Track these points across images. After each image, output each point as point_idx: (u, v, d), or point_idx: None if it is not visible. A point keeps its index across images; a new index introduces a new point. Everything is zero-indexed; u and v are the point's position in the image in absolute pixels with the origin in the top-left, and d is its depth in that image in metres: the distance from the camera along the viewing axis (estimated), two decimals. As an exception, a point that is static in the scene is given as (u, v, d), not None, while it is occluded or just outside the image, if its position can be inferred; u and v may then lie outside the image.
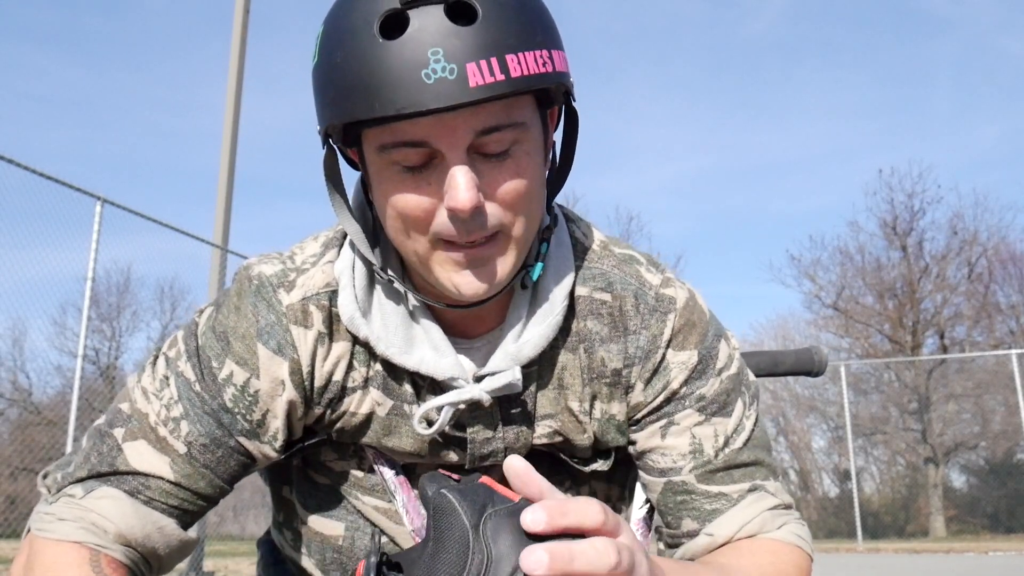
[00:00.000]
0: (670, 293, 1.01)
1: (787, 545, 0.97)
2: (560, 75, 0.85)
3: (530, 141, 0.87)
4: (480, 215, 0.84)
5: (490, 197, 0.85)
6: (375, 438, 1.00)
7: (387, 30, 0.80)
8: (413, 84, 0.78)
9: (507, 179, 0.85)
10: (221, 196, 9.10)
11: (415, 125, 0.81)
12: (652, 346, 1.00)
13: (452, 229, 0.85)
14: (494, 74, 0.79)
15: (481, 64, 0.78)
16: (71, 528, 0.88)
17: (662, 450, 1.00)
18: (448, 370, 0.94)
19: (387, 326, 0.95)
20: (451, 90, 0.77)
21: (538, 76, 0.82)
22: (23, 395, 18.20)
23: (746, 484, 0.99)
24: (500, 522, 0.64)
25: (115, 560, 0.88)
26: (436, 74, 0.78)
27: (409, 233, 0.87)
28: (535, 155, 0.88)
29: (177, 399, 0.94)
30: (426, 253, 0.88)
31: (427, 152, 0.83)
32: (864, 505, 17.11)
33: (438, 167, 0.84)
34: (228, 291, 1.00)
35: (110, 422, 0.95)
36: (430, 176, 0.84)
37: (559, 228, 1.02)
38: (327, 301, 0.96)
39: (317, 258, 0.99)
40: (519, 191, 0.86)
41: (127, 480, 0.91)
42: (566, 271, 0.99)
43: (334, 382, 0.97)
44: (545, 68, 0.83)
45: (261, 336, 0.94)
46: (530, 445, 1.01)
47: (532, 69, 0.81)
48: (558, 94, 0.90)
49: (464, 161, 0.82)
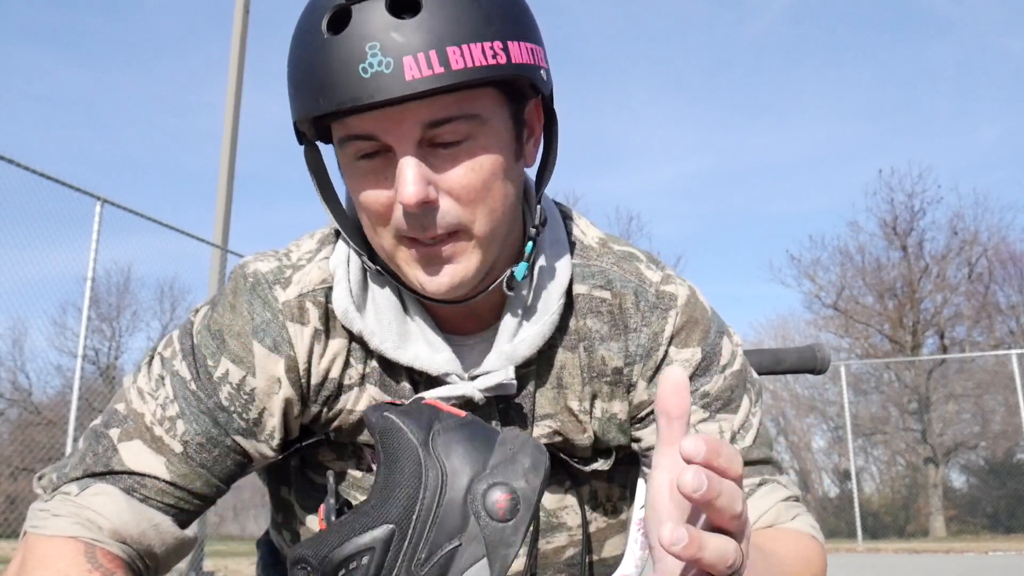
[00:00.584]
0: (671, 290, 1.01)
1: (804, 535, 0.97)
2: (519, 67, 0.83)
3: (488, 135, 0.85)
4: (431, 210, 0.84)
5: (444, 192, 0.84)
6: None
7: (333, 26, 0.81)
8: (351, 79, 0.79)
9: (460, 171, 0.84)
10: (221, 196, 9.09)
11: (362, 119, 0.82)
12: (653, 344, 0.99)
13: (405, 225, 0.85)
14: (432, 67, 0.78)
15: (419, 57, 0.78)
16: (66, 523, 0.87)
17: None
18: (443, 365, 0.94)
19: (381, 321, 0.94)
20: (387, 84, 0.78)
21: (485, 68, 0.80)
22: (23, 395, 18.20)
23: (756, 479, 0.99)
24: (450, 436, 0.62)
25: (111, 553, 0.88)
26: (372, 68, 0.78)
27: (376, 228, 0.88)
28: (494, 149, 0.86)
29: (173, 398, 0.93)
30: (392, 249, 0.88)
31: (379, 145, 0.83)
32: (864, 505, 17.11)
33: (392, 161, 0.84)
34: (224, 289, 0.99)
35: (106, 423, 0.94)
36: (386, 171, 0.84)
37: (554, 226, 1.02)
38: (323, 298, 0.95)
39: (313, 254, 0.99)
40: (474, 185, 0.84)
41: (122, 479, 0.90)
42: (562, 269, 0.98)
43: (331, 379, 0.96)
44: (495, 60, 0.81)
45: (257, 334, 0.94)
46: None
47: (478, 61, 0.80)
48: (523, 87, 0.88)
49: (413, 154, 0.82)
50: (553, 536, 1.06)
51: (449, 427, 0.63)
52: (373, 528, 0.61)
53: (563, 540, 1.07)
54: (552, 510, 1.06)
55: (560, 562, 1.07)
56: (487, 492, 0.61)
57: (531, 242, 0.96)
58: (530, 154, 0.95)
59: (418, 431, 0.62)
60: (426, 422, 0.63)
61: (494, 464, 0.64)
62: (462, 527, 0.60)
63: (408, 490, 0.60)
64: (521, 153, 0.92)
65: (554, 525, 1.06)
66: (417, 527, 0.60)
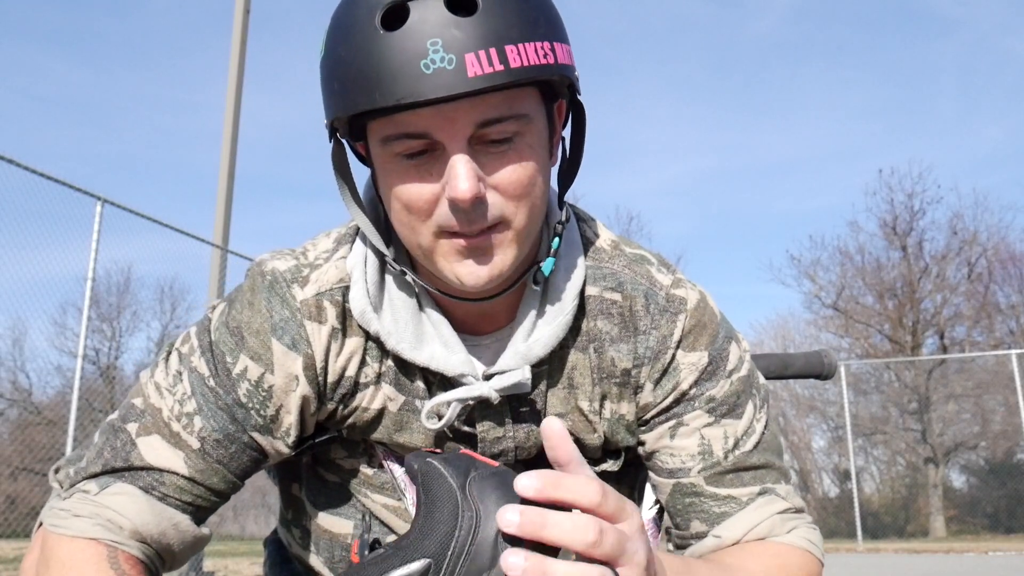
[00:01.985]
0: (681, 294, 1.01)
1: (796, 549, 0.97)
2: (562, 67, 0.85)
3: (533, 133, 0.87)
4: (481, 205, 0.84)
5: (491, 187, 0.85)
6: (386, 434, 0.99)
7: (388, 22, 0.80)
8: (412, 74, 0.78)
9: (508, 168, 0.85)
10: (221, 196, 9.09)
11: (416, 116, 0.82)
12: (662, 347, 0.99)
13: (454, 220, 0.85)
14: (493, 64, 0.79)
15: (480, 55, 0.79)
16: (86, 524, 0.87)
17: (671, 450, 1.00)
18: (458, 366, 0.94)
19: (398, 321, 0.95)
20: (449, 80, 0.78)
21: (538, 67, 0.82)
22: (23, 395, 18.20)
23: (756, 487, 0.99)
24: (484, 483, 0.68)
25: (132, 556, 0.88)
26: (435, 64, 0.78)
27: (413, 225, 0.88)
28: (538, 148, 0.88)
29: (190, 394, 0.94)
30: (430, 244, 0.88)
31: (428, 143, 0.83)
32: (864, 505, 17.10)
33: (439, 158, 0.84)
34: (241, 287, 1.00)
35: (123, 417, 0.95)
36: (431, 167, 0.84)
37: (569, 227, 1.02)
38: (340, 297, 0.96)
39: (330, 254, 0.99)
40: (520, 180, 0.86)
41: (141, 476, 0.91)
42: (577, 270, 0.99)
43: (347, 377, 0.97)
44: (546, 60, 0.83)
45: (275, 331, 0.94)
46: (540, 444, 1.00)
47: (532, 60, 0.81)
48: (562, 87, 0.90)
49: (465, 151, 0.82)
50: None
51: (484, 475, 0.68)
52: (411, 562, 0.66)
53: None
54: None
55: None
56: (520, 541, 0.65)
57: (557, 238, 0.96)
58: (555, 153, 0.96)
59: (457, 476, 0.68)
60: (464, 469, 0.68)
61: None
62: (491, 564, 0.65)
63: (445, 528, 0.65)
64: (552, 151, 0.94)
65: None
66: (451, 562, 0.65)
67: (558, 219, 0.97)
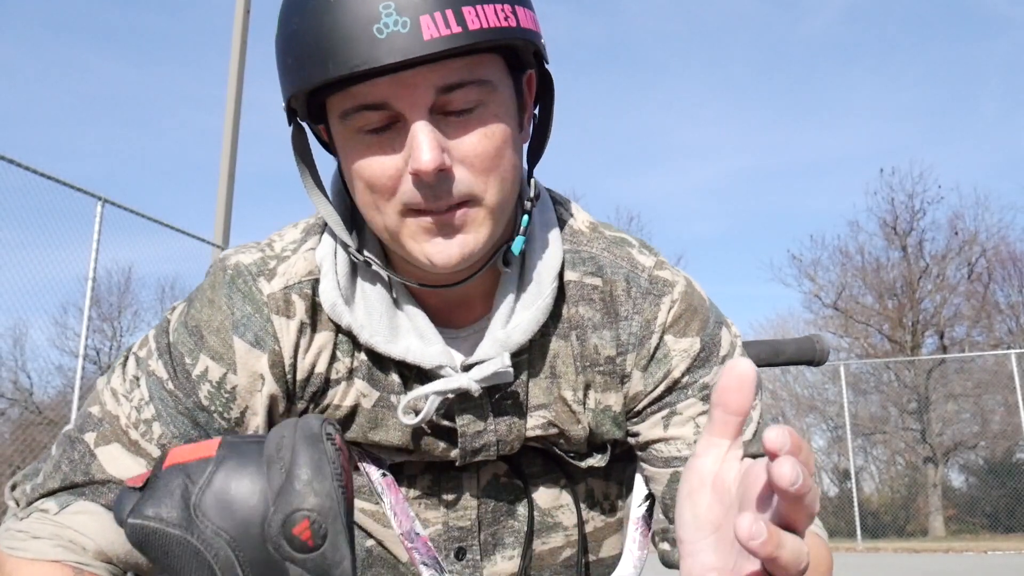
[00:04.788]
0: (664, 276, 0.97)
1: (811, 534, 0.92)
2: (525, 31, 0.82)
3: (498, 103, 0.83)
4: (447, 179, 0.81)
5: (457, 160, 0.81)
6: (360, 432, 0.96)
7: None
8: (365, 40, 0.75)
9: (473, 138, 0.81)
10: (221, 196, 9.10)
11: (372, 86, 0.78)
12: (646, 331, 0.95)
13: (419, 196, 0.81)
14: (450, 26, 0.76)
15: (436, 16, 0.75)
16: (47, 546, 0.83)
17: (666, 440, 0.96)
18: (435, 358, 0.90)
19: (371, 314, 0.91)
20: (404, 44, 0.75)
21: (498, 30, 0.78)
22: (24, 395, 18.18)
23: None
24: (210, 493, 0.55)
25: None
26: (388, 28, 0.75)
27: (378, 204, 0.84)
28: (504, 117, 0.84)
29: (148, 400, 0.89)
30: (396, 225, 0.84)
31: (388, 115, 0.80)
32: (863, 505, 17.08)
33: (401, 131, 0.81)
34: (201, 284, 0.95)
35: (80, 427, 0.90)
36: (393, 141, 0.81)
37: (543, 207, 0.98)
38: (309, 290, 0.92)
39: (298, 245, 0.95)
40: (487, 152, 0.82)
41: (103, 492, 0.86)
42: (554, 252, 0.95)
43: (317, 374, 0.93)
44: (507, 22, 0.79)
45: (237, 328, 0.90)
46: (524, 437, 0.97)
47: (492, 22, 0.78)
48: (527, 55, 0.87)
49: (426, 118, 0.79)
50: (549, 537, 1.04)
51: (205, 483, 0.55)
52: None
53: (559, 540, 1.04)
54: (547, 509, 1.04)
55: (557, 563, 1.05)
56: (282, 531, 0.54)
57: (526, 215, 0.92)
58: (525, 127, 0.92)
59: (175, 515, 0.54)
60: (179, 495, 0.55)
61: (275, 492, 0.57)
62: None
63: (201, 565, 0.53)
64: (521, 124, 0.90)
65: (549, 525, 1.04)
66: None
67: (527, 197, 0.94)
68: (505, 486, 1.02)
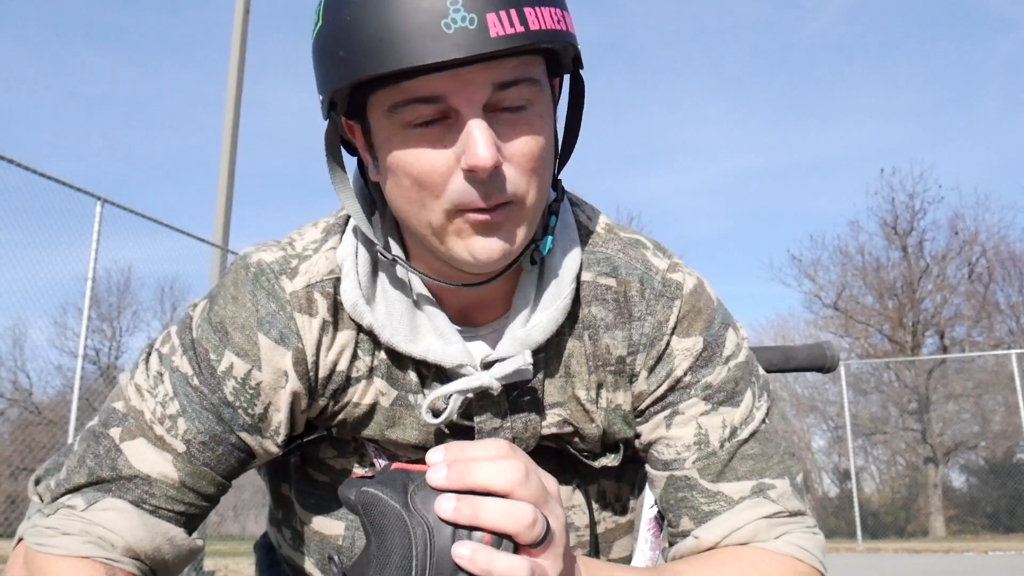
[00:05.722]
0: (677, 278, 0.98)
1: (780, 556, 0.91)
2: (572, 36, 0.84)
3: (543, 103, 0.85)
4: (498, 177, 0.81)
5: (506, 159, 0.82)
6: (378, 430, 0.96)
7: None
8: (432, 34, 0.75)
9: (523, 139, 0.82)
10: (221, 195, 9.09)
11: (430, 80, 0.78)
12: (657, 333, 0.96)
13: (470, 193, 0.81)
14: (514, 25, 0.77)
15: (501, 15, 0.76)
16: (77, 543, 0.84)
17: (667, 441, 0.96)
18: (456, 357, 0.91)
19: (391, 314, 0.92)
20: (471, 40, 0.75)
21: (554, 32, 0.80)
22: (23, 395, 18.19)
23: (750, 483, 0.93)
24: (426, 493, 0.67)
25: (130, 575, 0.85)
26: (456, 24, 0.75)
27: (424, 202, 0.83)
28: (547, 119, 0.86)
29: (173, 395, 0.90)
30: (441, 224, 0.84)
31: (440, 109, 0.80)
32: (864, 505, 17.10)
33: (452, 126, 0.81)
34: (224, 281, 0.96)
35: (104, 422, 0.90)
36: (444, 136, 0.81)
37: (564, 208, 0.99)
38: (331, 289, 0.92)
39: (319, 244, 0.96)
40: (534, 153, 0.83)
41: (130, 489, 0.87)
42: (573, 253, 0.96)
43: (338, 372, 0.93)
44: (559, 25, 0.81)
45: (262, 326, 0.90)
46: (539, 435, 0.97)
47: (549, 24, 0.79)
48: (566, 60, 0.88)
49: (481, 117, 0.80)
50: None
51: (423, 485, 0.67)
52: None
53: (571, 541, 1.04)
54: None
55: None
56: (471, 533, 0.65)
57: (554, 216, 0.94)
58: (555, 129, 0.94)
59: (396, 495, 0.66)
60: (401, 485, 0.67)
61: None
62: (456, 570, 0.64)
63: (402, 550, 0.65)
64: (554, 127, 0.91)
65: None
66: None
67: (552, 198, 0.95)
68: None
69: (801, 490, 0.97)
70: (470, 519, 0.64)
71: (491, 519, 0.64)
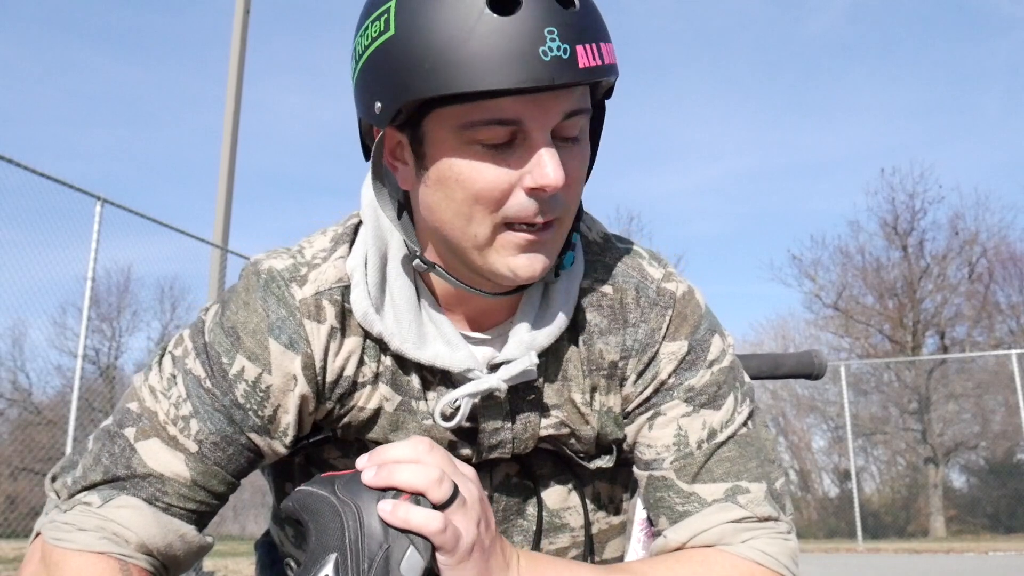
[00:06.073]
0: (671, 288, 1.01)
1: (739, 559, 0.93)
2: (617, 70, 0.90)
3: (587, 131, 0.91)
4: (556, 197, 0.87)
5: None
6: (382, 434, 0.99)
7: (498, 7, 0.81)
8: (531, 60, 0.79)
9: (575, 164, 0.88)
10: (221, 195, 9.09)
11: (514, 103, 0.82)
12: (650, 340, 1.00)
13: (529, 208, 0.86)
14: (596, 59, 0.82)
15: (587, 47, 0.82)
16: (92, 538, 0.87)
17: (648, 441, 0.99)
18: (463, 362, 0.94)
19: (400, 322, 0.95)
20: (564, 69, 0.80)
21: (613, 67, 0.86)
22: (23, 395, 18.20)
23: (725, 485, 0.96)
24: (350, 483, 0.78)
25: (143, 570, 0.88)
26: (552, 52, 0.80)
27: (473, 215, 0.87)
28: (587, 147, 0.92)
29: (186, 397, 0.93)
30: (487, 237, 0.88)
31: (513, 131, 0.84)
32: (864, 505, 17.10)
33: (519, 147, 0.85)
34: (235, 287, 0.99)
35: (119, 422, 0.94)
36: (510, 156, 0.85)
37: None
38: (339, 296, 0.95)
39: (328, 253, 0.99)
40: (579, 178, 0.90)
41: (144, 487, 0.90)
42: (578, 263, 1.00)
43: (345, 377, 0.96)
44: (613, 60, 0.87)
45: (272, 331, 0.93)
46: (537, 435, 1.01)
47: (613, 59, 0.86)
48: (601, 90, 0.94)
49: (551, 142, 0.85)
50: (556, 537, 1.07)
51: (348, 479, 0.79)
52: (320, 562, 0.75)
53: (566, 541, 1.07)
54: (555, 510, 1.06)
55: None
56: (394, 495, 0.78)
57: (576, 233, 0.99)
58: None
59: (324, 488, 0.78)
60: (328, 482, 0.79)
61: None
62: (385, 535, 0.75)
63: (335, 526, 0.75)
64: None
65: (557, 526, 1.06)
66: (353, 548, 0.74)
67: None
68: (516, 485, 1.06)
69: (779, 496, 0.99)
70: (386, 480, 0.77)
71: (403, 477, 0.77)
